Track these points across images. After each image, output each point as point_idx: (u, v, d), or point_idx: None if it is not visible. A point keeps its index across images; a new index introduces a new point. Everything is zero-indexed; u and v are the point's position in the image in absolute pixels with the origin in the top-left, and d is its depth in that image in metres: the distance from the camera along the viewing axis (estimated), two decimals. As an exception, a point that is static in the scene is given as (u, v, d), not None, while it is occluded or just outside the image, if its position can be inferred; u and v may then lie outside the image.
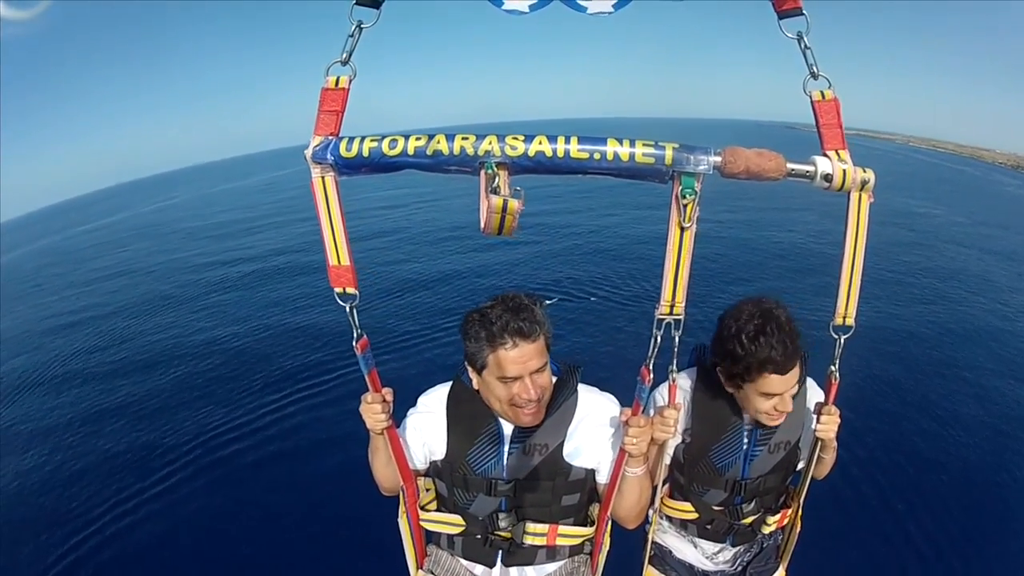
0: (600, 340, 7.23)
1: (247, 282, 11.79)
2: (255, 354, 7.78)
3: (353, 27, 1.22)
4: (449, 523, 1.83)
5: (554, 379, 1.75)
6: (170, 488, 5.09)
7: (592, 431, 1.74)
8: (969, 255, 12.26)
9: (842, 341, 1.45)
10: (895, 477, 4.83)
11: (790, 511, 2.01)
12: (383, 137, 1.22)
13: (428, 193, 20.93)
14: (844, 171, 1.24)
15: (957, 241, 13.50)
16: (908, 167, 34.91)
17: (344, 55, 1.24)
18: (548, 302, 1.66)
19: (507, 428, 1.72)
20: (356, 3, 1.22)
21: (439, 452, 1.78)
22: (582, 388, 1.78)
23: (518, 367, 1.54)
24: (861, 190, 1.29)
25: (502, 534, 1.79)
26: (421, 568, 1.94)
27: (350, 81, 1.26)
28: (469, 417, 1.74)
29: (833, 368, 1.58)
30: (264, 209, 23.98)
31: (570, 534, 1.81)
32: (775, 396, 1.69)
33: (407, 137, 1.21)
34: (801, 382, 1.84)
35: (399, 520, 1.87)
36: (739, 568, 2.13)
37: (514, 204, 1.12)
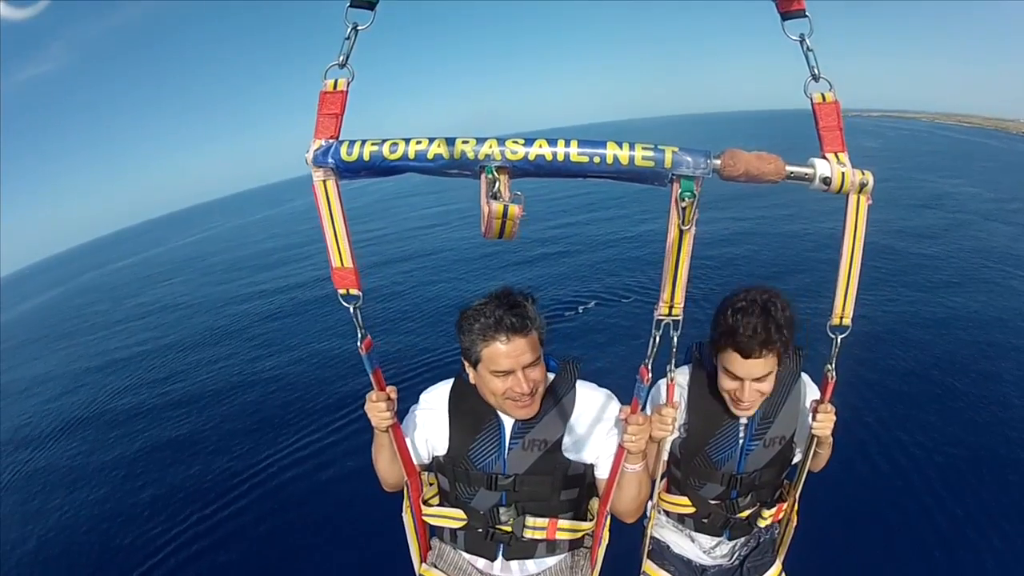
0: (626, 344, 7.15)
1: (294, 309, 11.80)
2: (309, 379, 7.80)
3: (349, 29, 1.21)
4: (451, 517, 1.86)
5: (552, 375, 1.78)
6: (235, 513, 5.19)
7: (590, 426, 1.76)
8: (995, 230, 11.94)
9: (839, 341, 1.46)
10: (896, 467, 4.73)
11: (786, 505, 2.02)
12: (384, 141, 1.22)
13: (466, 209, 20.46)
14: (843, 174, 1.24)
15: (989, 217, 13.11)
16: (934, 145, 34.11)
17: (341, 57, 1.23)
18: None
19: (507, 424, 1.74)
20: (350, 5, 1.21)
21: (441, 448, 1.80)
22: (580, 384, 1.80)
23: (511, 361, 1.58)
24: (859, 192, 1.28)
25: (503, 528, 1.81)
26: (425, 562, 1.96)
27: (348, 84, 1.26)
28: (470, 413, 1.77)
29: (829, 367, 1.59)
30: (302, 236, 23.45)
31: (570, 528, 1.83)
32: (737, 380, 1.71)
33: (408, 141, 1.21)
34: (794, 380, 1.87)
35: (403, 515, 1.90)
36: (736, 561, 2.14)
37: (514, 210, 1.12)
